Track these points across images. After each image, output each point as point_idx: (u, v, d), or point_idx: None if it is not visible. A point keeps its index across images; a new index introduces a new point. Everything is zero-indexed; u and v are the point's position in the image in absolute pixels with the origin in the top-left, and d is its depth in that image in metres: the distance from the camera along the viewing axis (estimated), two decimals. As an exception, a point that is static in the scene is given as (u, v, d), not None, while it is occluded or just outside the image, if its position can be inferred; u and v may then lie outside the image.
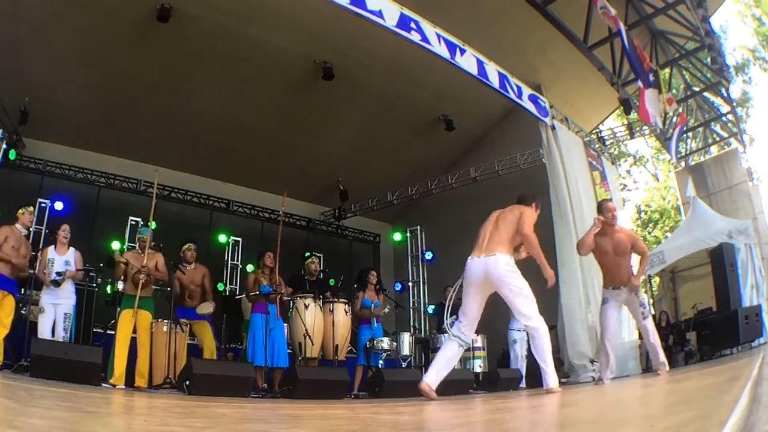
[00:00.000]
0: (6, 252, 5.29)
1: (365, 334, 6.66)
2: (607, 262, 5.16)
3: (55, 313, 5.52)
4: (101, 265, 6.90)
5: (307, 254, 7.54)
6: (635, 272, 5.16)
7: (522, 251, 4.26)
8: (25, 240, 5.67)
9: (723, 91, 13.21)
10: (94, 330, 6.80)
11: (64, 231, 5.81)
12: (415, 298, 10.62)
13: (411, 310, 10.42)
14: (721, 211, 11.26)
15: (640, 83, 8.27)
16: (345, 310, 6.45)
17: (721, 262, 9.46)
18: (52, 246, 5.77)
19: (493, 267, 4.02)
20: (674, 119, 12.30)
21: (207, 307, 6.15)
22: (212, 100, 8.61)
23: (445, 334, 7.33)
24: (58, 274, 5.55)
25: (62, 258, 5.71)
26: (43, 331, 5.37)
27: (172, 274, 5.93)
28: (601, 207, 5.21)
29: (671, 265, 11.13)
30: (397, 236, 11.63)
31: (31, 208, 5.91)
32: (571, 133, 8.82)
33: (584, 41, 8.11)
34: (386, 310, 7.10)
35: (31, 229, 6.06)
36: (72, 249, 5.83)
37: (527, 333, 4.39)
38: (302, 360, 6.05)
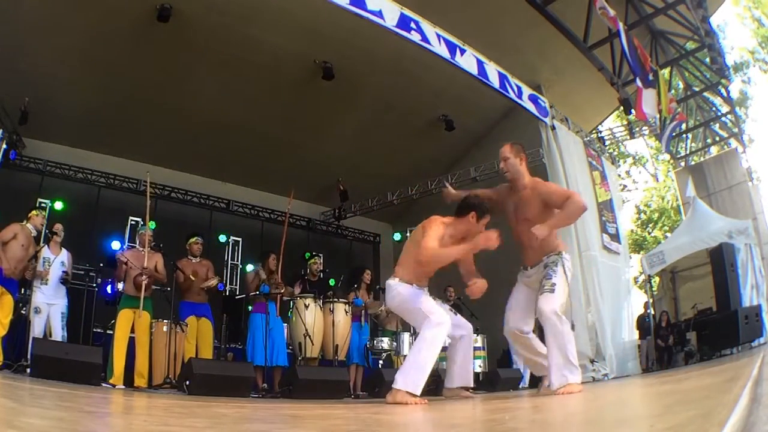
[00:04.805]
0: (14, 249, 5.31)
1: (354, 333, 6.67)
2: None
3: (50, 312, 5.54)
4: (101, 264, 6.91)
5: (308, 255, 7.55)
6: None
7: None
8: (33, 241, 5.69)
9: (723, 91, 13.20)
10: (94, 330, 6.81)
11: (59, 230, 5.84)
12: (415, 298, 10.61)
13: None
14: (721, 211, 11.26)
15: (638, 82, 8.26)
16: (345, 310, 6.46)
17: (721, 262, 9.47)
18: (46, 245, 5.80)
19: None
20: (675, 117, 12.29)
21: (210, 281, 6.15)
22: (212, 100, 8.60)
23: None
24: (65, 272, 5.68)
25: (58, 258, 5.74)
26: (39, 331, 5.39)
27: (171, 275, 5.94)
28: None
29: (671, 265, 11.14)
30: (397, 236, 11.63)
31: (44, 212, 5.95)
32: (571, 133, 8.82)
33: (584, 41, 8.11)
34: (382, 308, 7.11)
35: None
36: (64, 250, 5.87)
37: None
38: (302, 360, 6.05)
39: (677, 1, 9.57)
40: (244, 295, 7.22)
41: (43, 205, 7.95)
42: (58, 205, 8.23)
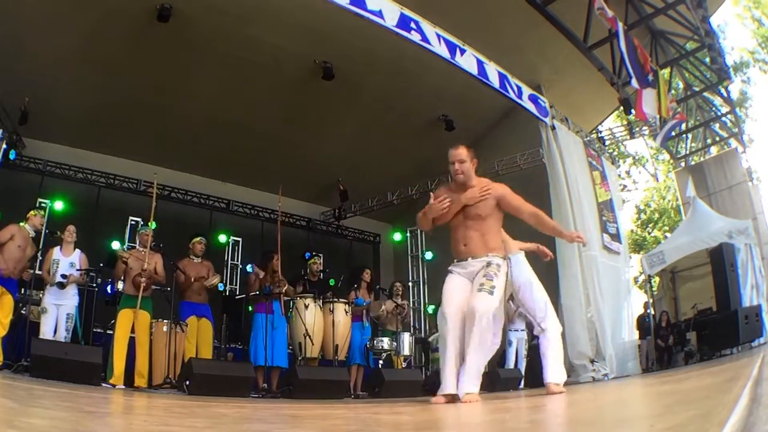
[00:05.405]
0: (11, 250, 5.31)
1: (356, 333, 6.67)
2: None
3: (58, 313, 5.53)
4: (101, 264, 6.91)
5: (308, 255, 7.56)
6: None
7: None
8: (32, 241, 5.68)
9: (723, 91, 13.20)
10: (94, 330, 6.81)
11: (69, 231, 5.82)
12: (415, 298, 10.62)
13: (411, 310, 10.42)
14: (721, 211, 11.26)
15: (634, 83, 8.26)
16: (345, 310, 6.46)
17: (721, 262, 9.46)
18: (58, 247, 5.78)
19: None
20: (674, 116, 12.29)
21: (213, 279, 6.16)
22: (212, 100, 8.60)
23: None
24: (64, 276, 5.56)
25: (67, 259, 5.72)
26: (45, 331, 5.39)
27: (171, 276, 5.94)
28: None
29: (671, 265, 11.14)
30: (397, 236, 11.63)
31: (43, 212, 5.93)
32: (571, 133, 8.82)
33: (584, 41, 8.11)
34: (383, 308, 7.12)
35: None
36: (77, 251, 5.85)
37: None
38: (302, 360, 6.05)
39: (677, 1, 9.58)
40: (244, 295, 7.22)
41: (42, 204, 7.95)
42: (58, 205, 8.23)
